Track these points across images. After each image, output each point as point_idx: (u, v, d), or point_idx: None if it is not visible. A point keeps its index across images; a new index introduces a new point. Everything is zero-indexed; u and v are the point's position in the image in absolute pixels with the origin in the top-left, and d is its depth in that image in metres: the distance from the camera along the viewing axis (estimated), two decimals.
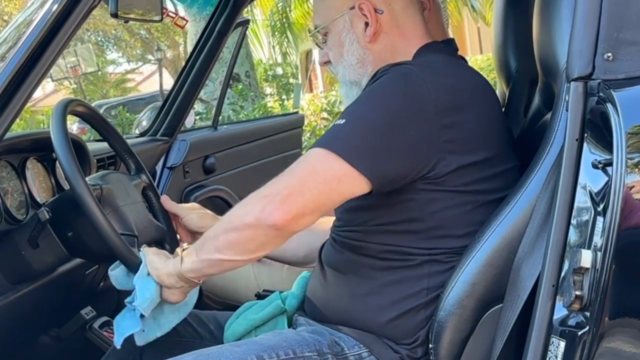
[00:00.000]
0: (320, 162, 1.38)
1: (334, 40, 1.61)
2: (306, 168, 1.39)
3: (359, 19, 1.57)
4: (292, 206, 1.36)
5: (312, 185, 1.37)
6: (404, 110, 1.40)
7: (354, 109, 1.44)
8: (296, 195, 1.36)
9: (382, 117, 1.40)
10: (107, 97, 20.08)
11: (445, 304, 1.42)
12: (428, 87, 1.41)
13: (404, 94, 1.41)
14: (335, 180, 1.37)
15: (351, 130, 1.40)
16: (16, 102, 1.51)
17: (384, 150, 1.39)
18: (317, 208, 1.38)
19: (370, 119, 1.40)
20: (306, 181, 1.38)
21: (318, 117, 7.18)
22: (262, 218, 1.36)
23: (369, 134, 1.39)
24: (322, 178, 1.37)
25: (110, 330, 2.15)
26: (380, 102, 1.42)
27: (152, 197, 1.90)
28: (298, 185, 1.37)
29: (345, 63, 1.60)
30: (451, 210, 1.46)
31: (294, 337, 1.51)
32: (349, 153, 1.37)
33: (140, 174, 1.91)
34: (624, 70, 1.30)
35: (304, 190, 1.37)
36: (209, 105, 7.21)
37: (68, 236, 1.71)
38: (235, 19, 2.77)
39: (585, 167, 1.28)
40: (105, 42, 21.84)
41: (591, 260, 1.21)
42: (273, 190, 1.38)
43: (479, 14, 11.79)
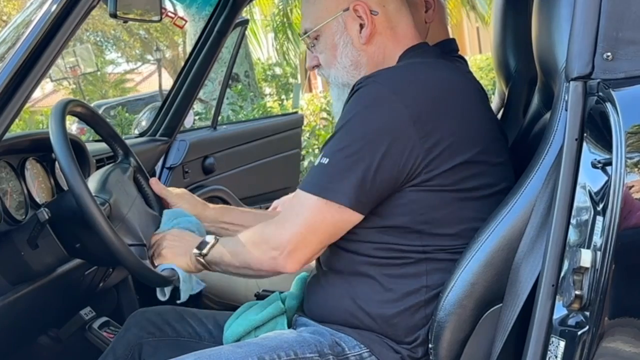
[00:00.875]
0: (315, 215, 1.46)
1: (326, 43, 1.60)
2: (304, 222, 1.47)
3: (354, 20, 1.57)
4: (299, 258, 1.49)
5: (314, 237, 1.48)
6: (382, 134, 1.43)
7: (335, 145, 1.47)
8: (301, 249, 1.48)
9: (362, 148, 1.43)
10: (106, 97, 20.07)
11: (445, 303, 1.42)
12: (400, 99, 1.43)
13: (379, 115, 1.44)
14: (332, 226, 1.48)
15: (336, 170, 1.45)
16: (15, 102, 1.51)
17: (370, 181, 1.43)
18: (321, 249, 1.52)
19: (351, 153, 1.44)
20: (308, 233, 1.48)
21: (317, 117, 7.16)
22: (275, 268, 1.51)
23: (353, 169, 1.43)
24: (321, 229, 1.48)
25: (109, 330, 2.15)
26: (358, 132, 1.45)
27: (143, 183, 1.92)
28: (301, 237, 1.48)
29: (338, 65, 1.60)
30: (438, 209, 1.47)
31: (294, 338, 1.51)
32: (340, 196, 1.44)
33: (128, 157, 1.93)
34: (623, 70, 1.30)
35: (308, 243, 1.48)
36: (208, 105, 7.20)
37: (68, 238, 1.70)
38: (234, 19, 2.77)
39: (585, 166, 1.28)
40: (104, 42, 21.83)
41: (591, 259, 1.21)
42: (278, 242, 1.49)
43: (478, 13, 11.78)
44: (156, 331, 1.76)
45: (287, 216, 1.52)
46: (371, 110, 1.44)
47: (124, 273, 2.35)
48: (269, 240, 1.50)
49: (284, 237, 1.48)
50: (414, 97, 1.44)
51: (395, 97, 1.43)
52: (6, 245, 1.72)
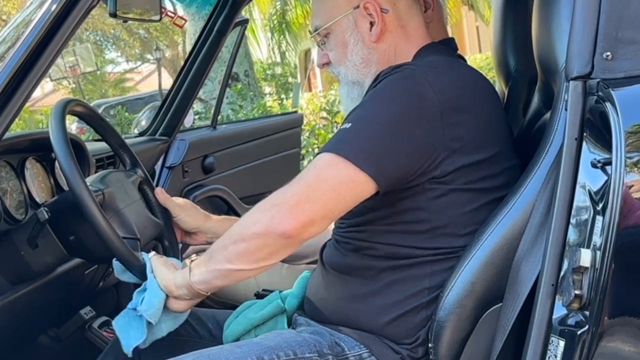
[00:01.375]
0: (327, 168, 1.38)
1: (337, 40, 1.60)
2: (313, 175, 1.39)
3: (364, 18, 1.57)
4: (300, 214, 1.36)
5: (320, 192, 1.37)
6: (408, 111, 1.41)
7: (359, 112, 1.44)
8: (304, 203, 1.36)
9: (387, 119, 1.41)
10: (106, 96, 20.06)
11: (445, 303, 1.42)
12: (432, 87, 1.42)
13: (408, 95, 1.42)
14: (343, 186, 1.38)
15: (357, 133, 1.41)
16: (15, 101, 1.51)
17: (390, 150, 1.39)
18: (325, 215, 1.39)
19: (375, 121, 1.41)
20: (314, 189, 1.38)
21: (317, 117, 7.16)
22: (271, 227, 1.37)
23: (375, 135, 1.40)
24: (329, 185, 1.38)
25: (109, 330, 2.15)
26: (385, 104, 1.43)
27: (149, 192, 1.92)
28: (306, 193, 1.37)
29: (348, 63, 1.60)
30: (456, 208, 1.46)
31: (294, 337, 1.50)
32: (356, 155, 1.37)
33: (135, 168, 1.92)
34: (623, 69, 1.30)
35: (312, 198, 1.37)
36: (208, 104, 7.20)
37: (68, 237, 1.70)
38: (234, 19, 2.77)
39: (585, 166, 1.28)
40: (104, 41, 21.83)
41: (590, 259, 1.21)
42: (281, 198, 1.38)
43: (478, 12, 11.79)
44: None
45: (300, 174, 1.43)
46: (403, 89, 1.43)
47: None
48: (270, 199, 1.40)
49: (288, 192, 1.39)
50: (444, 89, 1.43)
51: (427, 84, 1.42)
52: (6, 245, 1.72)
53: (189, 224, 1.84)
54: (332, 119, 6.71)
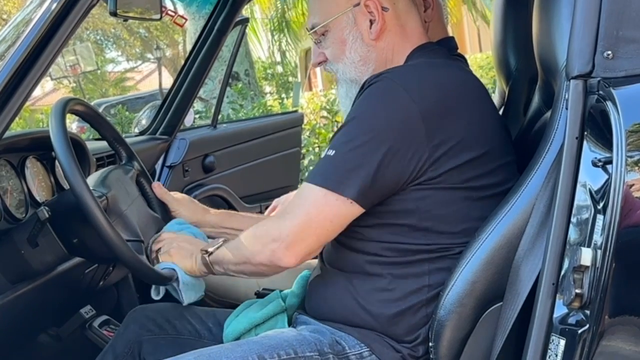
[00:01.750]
0: (316, 205, 1.46)
1: (335, 38, 1.60)
2: (305, 212, 1.47)
3: (364, 16, 1.57)
4: (298, 251, 1.47)
5: (313, 229, 1.47)
6: (390, 128, 1.43)
7: (342, 138, 1.47)
8: (300, 242, 1.47)
9: (370, 142, 1.43)
10: (106, 95, 20.07)
11: (445, 302, 1.42)
12: (411, 95, 1.43)
13: (387, 111, 1.44)
14: (333, 217, 1.46)
15: (341, 162, 1.45)
16: (15, 100, 1.51)
17: (375, 174, 1.43)
18: (320, 244, 1.51)
19: (358, 146, 1.44)
20: (307, 227, 1.47)
21: (317, 116, 7.16)
22: (273, 261, 1.49)
23: (359, 161, 1.43)
24: (320, 220, 1.46)
25: (109, 329, 2.15)
26: (366, 126, 1.45)
27: (145, 185, 1.93)
28: (300, 232, 1.47)
29: (347, 60, 1.60)
30: (445, 207, 1.47)
31: (295, 336, 1.51)
32: (341, 186, 1.43)
33: (132, 161, 1.93)
34: (623, 68, 1.30)
35: (306, 235, 1.47)
36: (209, 103, 7.20)
37: (70, 238, 1.71)
38: (234, 18, 2.77)
39: (585, 165, 1.27)
40: (104, 40, 21.83)
41: (591, 258, 1.21)
42: (278, 234, 1.48)
43: (479, 12, 11.77)
44: (156, 329, 1.76)
45: (288, 209, 1.51)
46: (381, 105, 1.45)
47: (124, 271, 2.35)
48: (269, 233, 1.49)
49: (284, 229, 1.47)
50: (424, 95, 1.44)
51: (405, 93, 1.43)
52: (6, 244, 1.72)
53: (187, 219, 1.85)
54: (333, 118, 6.70)
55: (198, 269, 1.62)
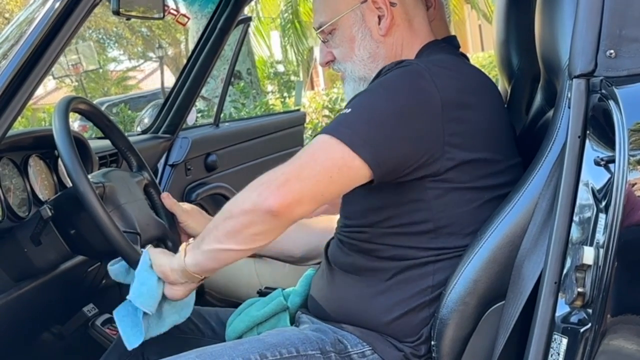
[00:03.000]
0: (321, 149, 1.37)
1: (344, 35, 1.58)
2: (307, 155, 1.38)
3: (372, 12, 1.56)
4: (288, 192, 1.34)
5: (311, 172, 1.36)
6: (410, 104, 1.41)
7: (361, 99, 1.45)
8: (294, 182, 1.35)
9: (387, 108, 1.40)
10: (109, 94, 20.08)
11: (448, 301, 1.42)
12: (435, 82, 1.42)
13: (411, 88, 1.42)
14: (336, 169, 1.36)
15: (356, 119, 1.41)
16: (18, 99, 1.51)
17: (388, 139, 1.39)
18: (314, 197, 1.37)
19: (376, 109, 1.41)
20: (305, 168, 1.36)
21: (320, 115, 7.17)
22: (258, 203, 1.34)
23: (374, 123, 1.39)
24: (322, 166, 1.36)
25: (112, 327, 2.16)
26: (387, 94, 1.43)
27: (154, 195, 1.90)
28: (296, 172, 1.36)
29: (355, 58, 1.58)
30: (459, 207, 1.46)
31: (297, 335, 1.50)
32: (352, 139, 1.36)
33: (142, 171, 1.91)
34: (626, 67, 1.30)
35: (302, 177, 1.35)
36: (211, 102, 7.20)
37: (71, 234, 1.71)
38: (236, 17, 2.77)
39: (588, 164, 1.27)
40: (106, 39, 21.84)
41: (593, 257, 1.21)
42: (271, 176, 1.37)
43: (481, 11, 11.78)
44: None
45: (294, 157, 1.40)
46: (407, 83, 1.43)
47: None
48: (261, 177, 1.38)
49: (278, 170, 1.36)
50: (447, 86, 1.43)
51: (431, 80, 1.42)
52: (9, 242, 1.72)
53: (195, 230, 1.81)
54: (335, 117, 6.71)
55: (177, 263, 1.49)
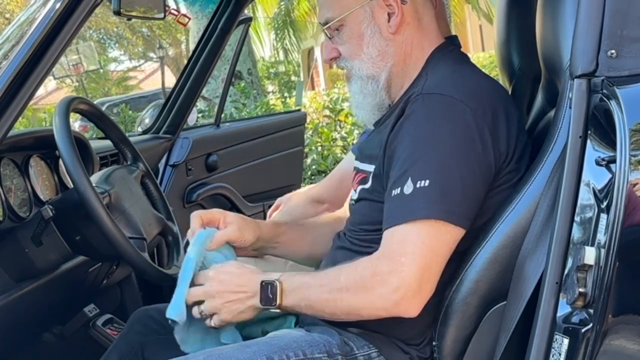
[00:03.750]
0: (435, 238, 1.37)
1: (352, 32, 1.56)
2: (426, 251, 1.37)
3: (381, 9, 1.54)
4: (425, 296, 1.38)
5: (436, 265, 1.38)
6: (469, 143, 1.40)
7: (429, 166, 1.39)
8: (426, 284, 1.37)
9: (459, 163, 1.39)
10: (109, 95, 20.09)
11: (449, 301, 1.42)
12: (472, 109, 1.41)
13: (459, 127, 1.40)
14: (449, 248, 1.39)
15: (443, 189, 1.38)
16: (19, 100, 1.51)
17: (475, 192, 1.40)
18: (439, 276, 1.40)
19: (450, 170, 1.39)
20: (431, 264, 1.37)
21: (320, 115, 7.15)
22: (399, 311, 1.38)
23: (458, 185, 1.38)
24: (442, 254, 1.38)
25: (113, 327, 2.16)
26: (448, 149, 1.40)
27: (150, 185, 1.92)
28: (427, 272, 1.37)
29: (364, 56, 1.55)
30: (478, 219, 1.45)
31: (303, 337, 1.49)
32: (450, 215, 1.37)
33: (137, 162, 1.93)
34: (627, 67, 1.30)
35: (432, 273, 1.38)
36: (212, 103, 7.20)
37: (73, 237, 1.71)
38: (237, 17, 2.77)
39: (589, 164, 1.27)
40: (107, 40, 21.85)
41: (595, 257, 1.21)
42: (402, 281, 1.36)
43: (481, 11, 11.78)
44: (160, 329, 1.76)
45: (400, 250, 1.37)
46: (453, 125, 1.40)
47: (128, 270, 2.36)
48: (386, 282, 1.36)
49: (406, 275, 1.35)
50: (481, 105, 1.42)
51: (465, 107, 1.40)
52: (10, 243, 1.73)
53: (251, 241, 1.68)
54: (335, 117, 6.70)
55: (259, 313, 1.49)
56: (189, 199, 2.91)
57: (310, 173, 5.89)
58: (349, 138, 6.31)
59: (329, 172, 5.12)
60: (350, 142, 6.17)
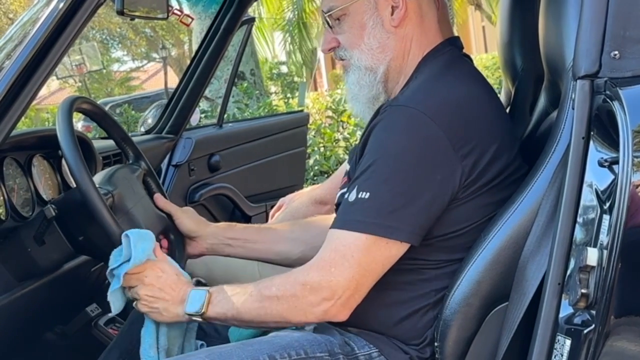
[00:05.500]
0: (370, 254, 1.39)
1: (354, 22, 1.55)
2: (358, 265, 1.39)
3: (386, 1, 1.53)
4: (352, 305, 1.42)
5: (368, 280, 1.41)
6: (426, 162, 1.40)
7: (375, 178, 1.40)
8: (354, 295, 1.40)
9: (408, 179, 1.39)
10: (112, 95, 20.12)
11: (451, 302, 1.42)
12: (435, 121, 1.40)
13: (419, 145, 1.40)
14: (385, 263, 1.41)
15: (383, 204, 1.39)
16: (22, 99, 1.51)
17: (423, 209, 1.40)
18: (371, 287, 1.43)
19: (397, 186, 1.39)
20: (361, 279, 1.40)
21: (323, 116, 7.16)
22: (325, 318, 1.43)
23: (402, 202, 1.38)
24: (376, 270, 1.41)
25: (115, 327, 2.16)
26: (400, 164, 1.40)
27: (152, 184, 1.92)
28: (356, 285, 1.40)
29: (364, 47, 1.55)
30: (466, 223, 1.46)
31: (305, 337, 1.50)
32: (392, 230, 1.38)
33: (139, 161, 1.93)
34: (630, 69, 1.30)
35: (362, 287, 1.41)
36: (214, 103, 7.21)
37: (76, 236, 1.71)
38: (240, 17, 2.77)
39: (592, 165, 1.27)
40: (110, 40, 21.88)
41: (597, 258, 1.21)
42: (331, 291, 1.39)
43: (484, 12, 11.78)
44: None
45: (331, 259, 1.40)
46: (408, 137, 1.41)
47: None
48: (316, 290, 1.39)
49: (337, 285, 1.38)
50: (450, 120, 1.41)
51: (430, 121, 1.40)
52: (13, 242, 1.73)
53: (189, 227, 1.81)
54: (338, 118, 6.70)
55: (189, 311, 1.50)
56: (192, 199, 2.92)
57: (312, 174, 5.89)
58: (352, 139, 6.32)
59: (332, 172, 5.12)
60: (352, 143, 6.17)
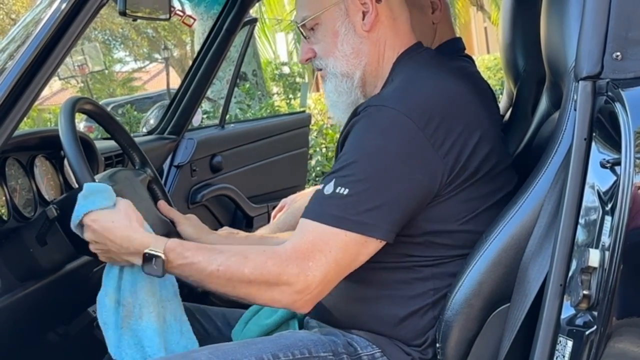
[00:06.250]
0: (346, 251, 1.39)
1: (326, 30, 1.56)
2: (334, 262, 1.39)
3: (356, 7, 1.54)
4: (320, 298, 1.43)
5: (338, 278, 1.42)
6: (404, 160, 1.40)
7: (354, 175, 1.40)
8: (324, 290, 1.41)
9: (383, 175, 1.39)
10: (114, 95, 20.13)
11: (453, 303, 1.42)
12: (414, 121, 1.40)
13: (398, 143, 1.40)
14: (358, 259, 1.41)
15: (360, 202, 1.38)
16: (25, 100, 1.51)
17: (399, 207, 1.40)
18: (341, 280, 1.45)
19: (375, 184, 1.39)
20: (334, 277, 1.41)
21: (325, 116, 7.16)
22: (293, 307, 1.43)
23: (380, 200, 1.38)
24: (348, 265, 1.41)
25: None
26: (378, 160, 1.40)
27: (157, 191, 1.92)
28: (325, 280, 1.39)
29: (338, 54, 1.56)
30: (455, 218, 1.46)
31: (309, 337, 1.50)
32: (367, 227, 1.38)
33: (145, 167, 1.93)
34: (632, 70, 1.30)
35: (332, 281, 1.41)
36: (216, 104, 7.21)
37: (78, 237, 1.71)
38: (242, 18, 2.77)
39: (594, 166, 1.27)
40: (112, 40, 21.89)
41: (599, 259, 1.21)
42: (304, 285, 1.38)
43: (486, 13, 11.77)
44: None
45: (309, 253, 1.38)
46: (388, 137, 1.41)
47: None
48: (291, 283, 1.38)
49: (311, 281, 1.38)
50: (429, 118, 1.41)
51: (409, 120, 1.40)
52: (15, 242, 1.73)
53: (191, 234, 1.81)
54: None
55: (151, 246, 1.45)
56: (194, 200, 2.92)
57: (314, 174, 5.89)
58: None
59: None
60: None
